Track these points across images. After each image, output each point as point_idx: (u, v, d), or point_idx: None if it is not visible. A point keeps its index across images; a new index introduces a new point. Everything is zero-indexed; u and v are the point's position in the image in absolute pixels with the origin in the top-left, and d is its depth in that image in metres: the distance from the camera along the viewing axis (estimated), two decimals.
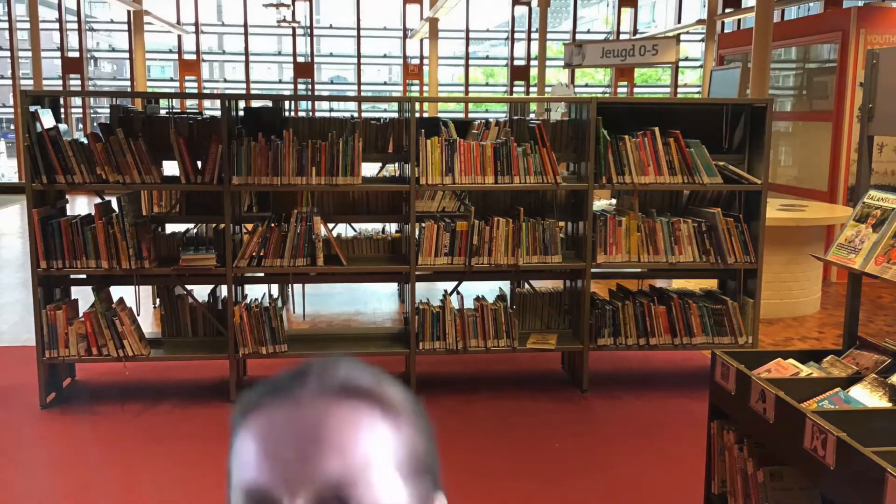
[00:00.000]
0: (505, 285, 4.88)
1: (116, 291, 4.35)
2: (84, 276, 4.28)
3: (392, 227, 5.76)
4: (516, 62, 17.63)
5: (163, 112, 4.77)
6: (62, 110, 4.41)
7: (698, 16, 15.56)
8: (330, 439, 0.58)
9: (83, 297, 4.35)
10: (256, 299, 4.36)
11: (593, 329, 4.34)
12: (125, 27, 16.70)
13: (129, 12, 15.66)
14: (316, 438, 0.58)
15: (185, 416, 4.07)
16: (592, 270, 4.31)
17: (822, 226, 6.23)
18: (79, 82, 15.64)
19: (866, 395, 2.41)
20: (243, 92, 17.20)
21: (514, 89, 17.61)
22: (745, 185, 4.27)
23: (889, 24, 7.29)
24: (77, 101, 16.59)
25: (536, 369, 4.83)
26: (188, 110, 6.96)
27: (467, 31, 17.69)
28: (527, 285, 4.66)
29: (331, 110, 18.37)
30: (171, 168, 4.20)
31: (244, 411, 0.63)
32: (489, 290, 4.81)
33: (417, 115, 4.37)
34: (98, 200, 4.15)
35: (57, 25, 16.01)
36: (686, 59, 17.79)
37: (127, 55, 16.87)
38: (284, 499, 0.57)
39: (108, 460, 3.63)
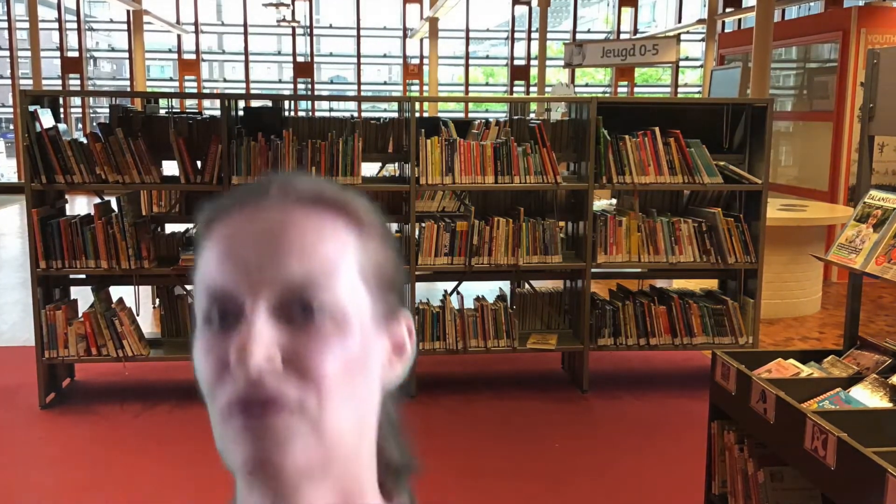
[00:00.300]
0: (505, 285, 4.87)
1: (116, 291, 4.34)
2: (83, 276, 4.28)
3: (392, 227, 5.75)
4: (516, 62, 17.63)
5: (162, 112, 4.76)
6: (61, 110, 4.40)
7: (698, 15, 15.56)
8: (293, 243, 0.58)
9: (82, 297, 4.34)
10: None
11: (593, 329, 4.34)
12: (124, 27, 16.69)
13: (128, 12, 15.65)
14: (279, 242, 0.58)
15: (185, 416, 4.06)
16: (593, 270, 4.30)
17: (823, 226, 6.22)
18: (78, 82, 15.62)
19: (867, 396, 2.41)
20: (243, 92, 17.19)
21: (514, 89, 17.60)
22: (746, 184, 4.26)
23: (890, 24, 7.28)
24: (76, 100, 16.58)
25: (536, 369, 4.82)
26: (188, 110, 6.95)
27: (467, 30, 17.69)
28: (527, 285, 4.65)
29: (330, 110, 18.37)
30: (170, 168, 4.19)
31: (207, 220, 0.62)
32: (489, 290, 4.80)
33: (417, 114, 4.37)
34: (97, 200, 4.14)
35: (56, 25, 16.00)
36: (686, 58, 17.78)
37: (126, 55, 16.86)
38: (247, 300, 0.56)
39: (107, 461, 3.62)
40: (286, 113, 4.87)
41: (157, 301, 5.15)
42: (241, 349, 0.55)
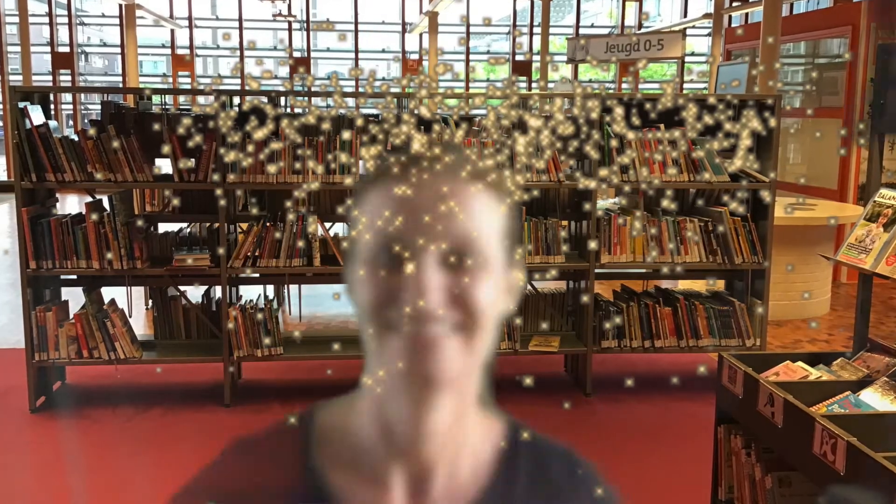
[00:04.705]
0: None
1: (108, 292, 4.28)
2: (74, 276, 4.21)
3: None
4: (518, 57, 17.56)
5: (155, 108, 4.69)
6: (52, 107, 4.33)
7: (704, 9, 15.49)
8: (456, 210, 0.75)
9: (74, 298, 4.27)
10: (251, 300, 4.28)
11: (597, 331, 4.26)
12: (116, 21, 16.61)
13: (120, 6, 15.56)
14: (447, 208, 0.74)
15: (178, 420, 4.01)
16: (596, 271, 4.22)
17: (832, 225, 6.14)
18: (69, 78, 15.51)
19: (877, 399, 2.41)
20: (238, 88, 17.10)
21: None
22: (753, 183, 4.18)
23: None
24: (67, 97, 16.49)
25: (539, 372, 4.74)
26: (181, 106, 6.88)
27: (468, 25, 17.63)
28: (529, 286, 4.57)
29: (327, 107, 18.30)
30: (164, 166, 4.11)
31: (380, 174, 0.79)
32: None
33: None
34: (89, 199, 4.08)
35: (47, 20, 15.92)
36: (692, 53, 17.72)
37: (118, 50, 16.75)
38: (420, 249, 0.73)
39: (98, 466, 3.56)
40: (282, 109, 4.79)
41: (150, 302, 5.07)
42: (419, 286, 0.72)
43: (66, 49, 16.01)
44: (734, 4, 13.84)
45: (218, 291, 4.26)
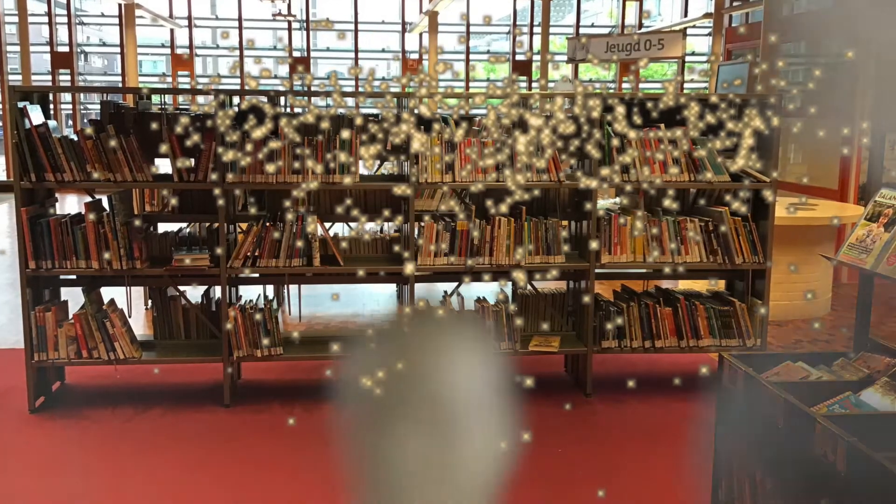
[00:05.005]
0: (506, 286, 4.78)
1: (107, 293, 4.26)
2: (74, 276, 4.20)
3: (391, 227, 5.67)
4: (518, 56, 17.53)
5: (154, 108, 4.68)
6: (51, 106, 4.32)
7: (705, 9, 15.47)
8: (441, 365, 0.84)
9: (73, 298, 4.26)
10: (251, 300, 4.26)
11: (597, 331, 4.24)
12: (116, 21, 16.58)
13: (119, 5, 15.54)
14: (436, 364, 0.84)
15: (178, 420, 3.99)
16: (597, 271, 4.21)
17: (835, 225, 6.12)
18: (68, 77, 15.48)
19: (878, 399, 2.40)
20: (238, 87, 17.08)
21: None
22: (754, 183, 4.17)
23: None
24: (67, 97, 16.44)
25: (539, 372, 4.73)
26: (180, 106, 6.86)
27: (468, 24, 17.61)
28: (529, 286, 4.56)
29: (327, 106, 18.30)
30: (163, 166, 4.10)
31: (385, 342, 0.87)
32: (490, 291, 4.71)
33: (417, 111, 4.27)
34: (88, 199, 4.07)
35: (46, 19, 15.89)
36: (693, 53, 17.70)
37: (118, 50, 16.72)
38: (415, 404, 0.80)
39: (98, 466, 3.55)
40: (281, 109, 4.78)
41: (150, 302, 5.06)
42: (405, 457, 0.76)
43: (66, 49, 15.98)
44: (734, 4, 13.82)
45: (217, 291, 4.25)
